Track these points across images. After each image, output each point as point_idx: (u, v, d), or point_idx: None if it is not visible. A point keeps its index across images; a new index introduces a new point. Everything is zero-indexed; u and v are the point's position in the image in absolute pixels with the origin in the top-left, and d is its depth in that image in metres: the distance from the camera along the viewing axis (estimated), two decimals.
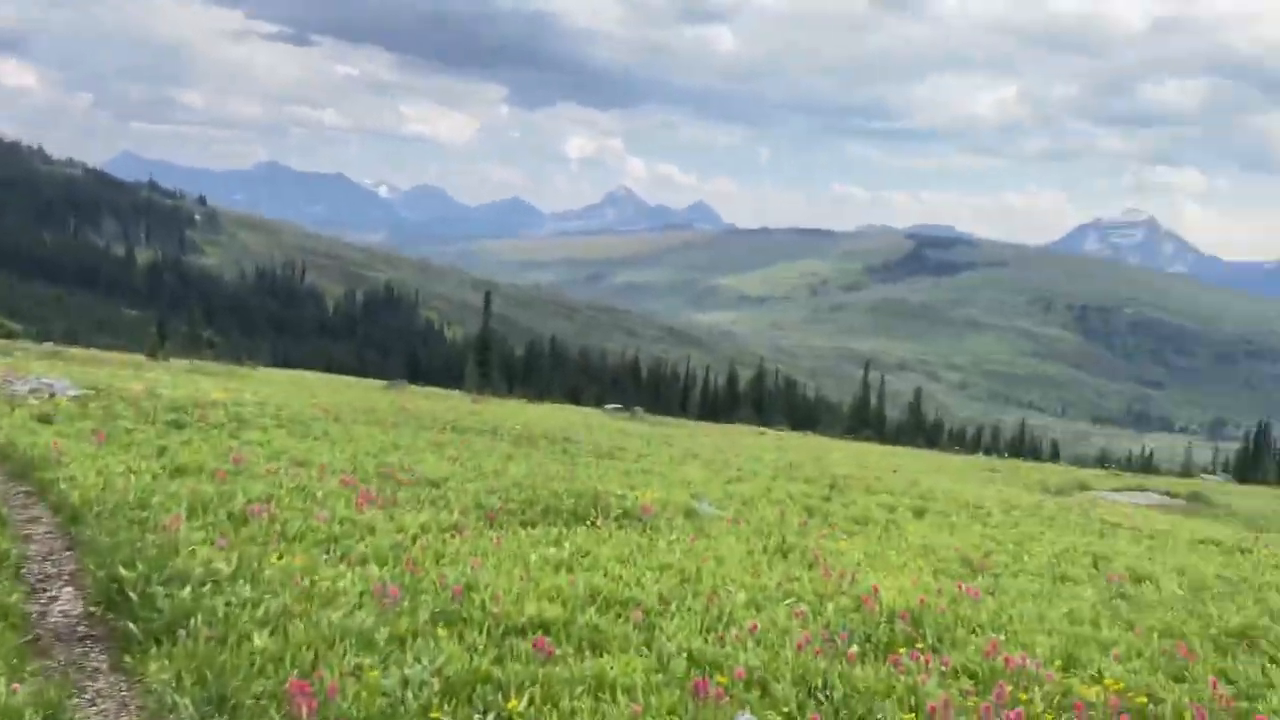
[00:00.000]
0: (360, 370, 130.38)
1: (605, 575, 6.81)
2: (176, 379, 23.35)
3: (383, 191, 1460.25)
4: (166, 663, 4.63)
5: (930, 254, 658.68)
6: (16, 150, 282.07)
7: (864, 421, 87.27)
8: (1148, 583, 8.88)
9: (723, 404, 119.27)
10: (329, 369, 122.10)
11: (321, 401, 20.57)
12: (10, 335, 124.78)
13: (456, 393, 52.00)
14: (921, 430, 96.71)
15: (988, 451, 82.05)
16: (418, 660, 4.77)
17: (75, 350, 37.87)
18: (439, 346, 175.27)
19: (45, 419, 11.34)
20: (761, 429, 48.83)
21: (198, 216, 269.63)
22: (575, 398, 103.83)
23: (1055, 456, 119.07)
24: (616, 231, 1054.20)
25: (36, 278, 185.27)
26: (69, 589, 6.03)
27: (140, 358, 42.78)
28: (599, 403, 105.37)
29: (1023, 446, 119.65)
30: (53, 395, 13.04)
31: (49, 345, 41.83)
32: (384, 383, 61.18)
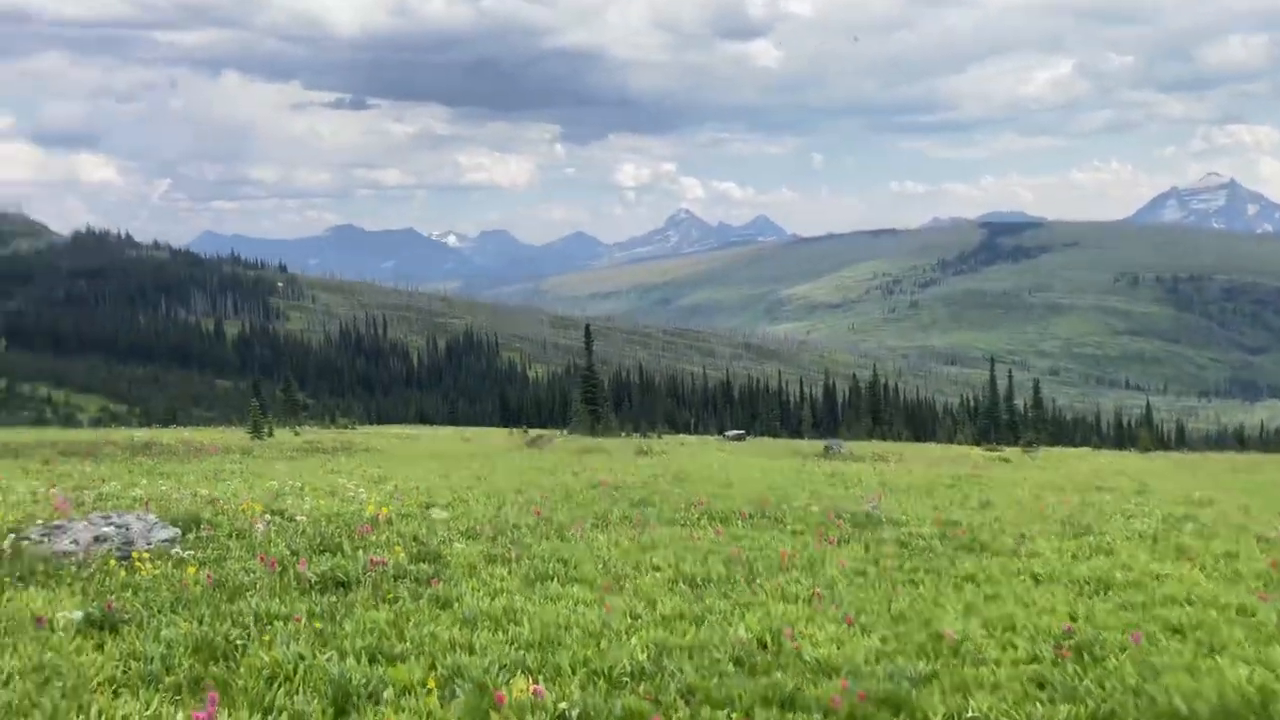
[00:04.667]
0: (452, 418, 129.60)
1: None
2: (297, 470, 20.29)
3: (451, 241, 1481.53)
4: None
5: (1003, 241, 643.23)
6: (105, 240, 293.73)
7: (995, 422, 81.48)
8: None
9: (827, 417, 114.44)
10: (422, 420, 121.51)
11: (499, 483, 16.98)
12: (113, 416, 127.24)
13: (615, 440, 48.72)
14: (1045, 424, 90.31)
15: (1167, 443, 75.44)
16: None
17: (168, 436, 35.62)
18: (525, 387, 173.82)
19: (103, 624, 6.55)
20: (1003, 451, 40.68)
21: (279, 284, 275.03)
22: (678, 426, 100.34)
23: (1181, 435, 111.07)
24: (681, 254, 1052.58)
25: (133, 359, 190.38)
26: None
27: (244, 436, 40.69)
28: (699, 429, 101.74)
29: (1154, 429, 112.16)
30: (127, 554, 8.50)
31: (143, 433, 39.80)
32: (506, 430, 58.18)
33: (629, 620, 7.35)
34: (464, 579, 8.54)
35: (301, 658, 5.99)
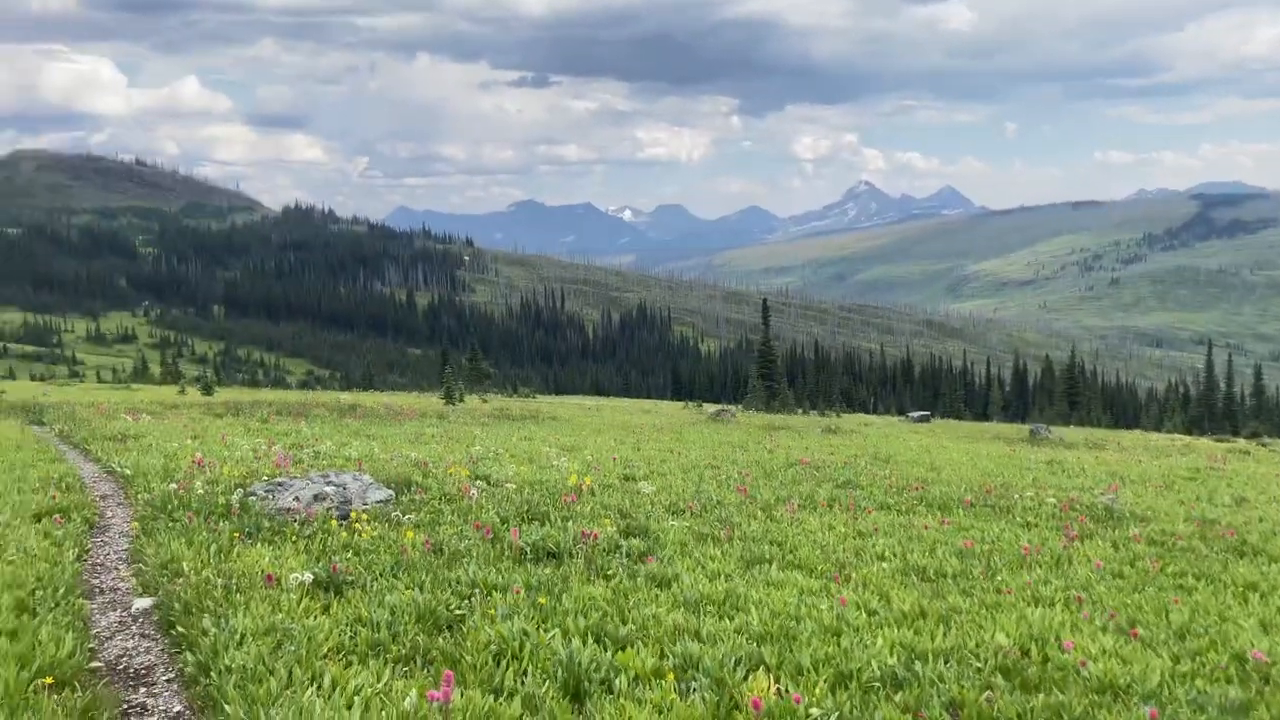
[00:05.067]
0: (625, 390, 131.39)
1: None
2: (492, 436, 20.61)
3: (627, 216, 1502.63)
4: None
5: (1219, 214, 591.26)
6: (311, 215, 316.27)
7: (1210, 410, 74.72)
8: None
9: (1016, 400, 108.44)
10: (596, 391, 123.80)
11: (692, 457, 16.56)
12: (317, 379, 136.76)
13: (801, 416, 47.94)
14: (1269, 413, 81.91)
15: None
16: None
17: (369, 400, 37.48)
18: (698, 361, 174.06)
19: (328, 585, 6.51)
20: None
21: (466, 258, 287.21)
22: (854, 404, 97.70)
23: None
24: (859, 227, 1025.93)
25: (334, 326, 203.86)
26: None
27: (438, 402, 42.37)
28: (877, 408, 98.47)
29: None
30: (345, 513, 8.63)
31: (347, 396, 42.31)
32: (681, 404, 57.96)
33: (865, 615, 6.65)
34: (678, 557, 8.08)
35: (526, 634, 5.66)
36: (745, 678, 5.25)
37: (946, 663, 5.73)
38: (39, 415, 24.25)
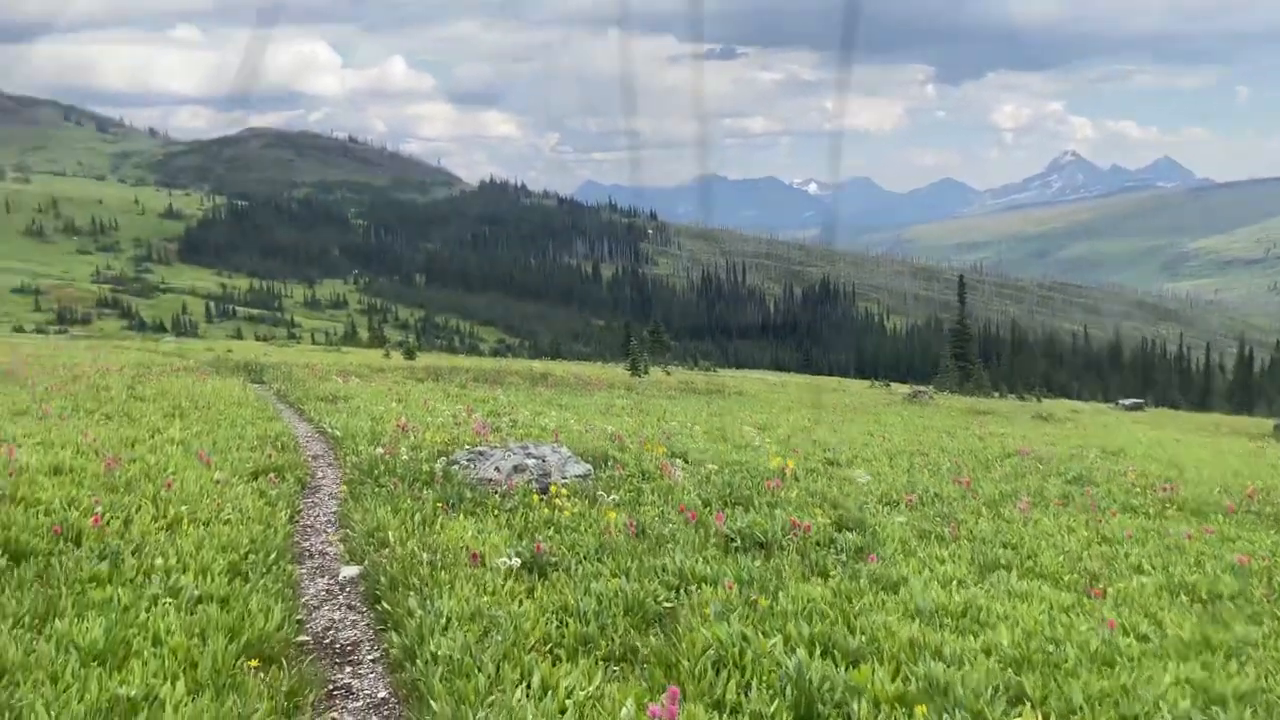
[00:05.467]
0: (806, 366, 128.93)
1: None
2: (681, 410, 20.27)
3: (812, 189, 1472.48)
4: None
5: None
6: (505, 189, 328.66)
7: None
8: None
9: (1240, 389, 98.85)
10: (776, 367, 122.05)
11: (896, 442, 15.43)
12: (508, 347, 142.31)
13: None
14: None
15: None
16: None
17: (559, 369, 38.13)
18: (883, 338, 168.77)
19: (532, 567, 6.16)
20: None
21: (650, 231, 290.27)
22: (1054, 389, 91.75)
23: None
24: (1063, 201, 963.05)
25: (524, 296, 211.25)
26: None
27: (624, 373, 42.75)
28: (1080, 394, 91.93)
29: None
30: (545, 486, 8.34)
31: (539, 365, 43.31)
32: (867, 383, 55.90)
33: (1136, 642, 5.67)
34: (901, 557, 7.29)
35: (745, 640, 5.08)
36: (1005, 713, 4.48)
37: (1253, 711, 4.73)
38: (259, 374, 25.87)
